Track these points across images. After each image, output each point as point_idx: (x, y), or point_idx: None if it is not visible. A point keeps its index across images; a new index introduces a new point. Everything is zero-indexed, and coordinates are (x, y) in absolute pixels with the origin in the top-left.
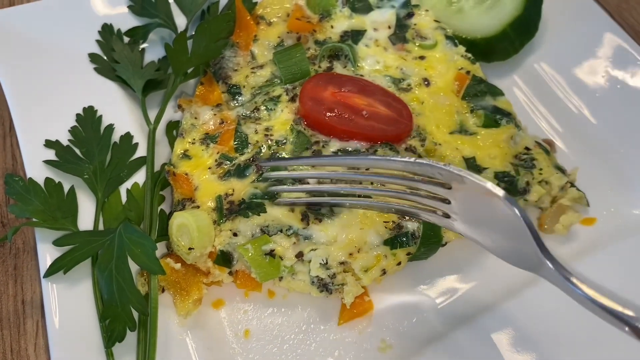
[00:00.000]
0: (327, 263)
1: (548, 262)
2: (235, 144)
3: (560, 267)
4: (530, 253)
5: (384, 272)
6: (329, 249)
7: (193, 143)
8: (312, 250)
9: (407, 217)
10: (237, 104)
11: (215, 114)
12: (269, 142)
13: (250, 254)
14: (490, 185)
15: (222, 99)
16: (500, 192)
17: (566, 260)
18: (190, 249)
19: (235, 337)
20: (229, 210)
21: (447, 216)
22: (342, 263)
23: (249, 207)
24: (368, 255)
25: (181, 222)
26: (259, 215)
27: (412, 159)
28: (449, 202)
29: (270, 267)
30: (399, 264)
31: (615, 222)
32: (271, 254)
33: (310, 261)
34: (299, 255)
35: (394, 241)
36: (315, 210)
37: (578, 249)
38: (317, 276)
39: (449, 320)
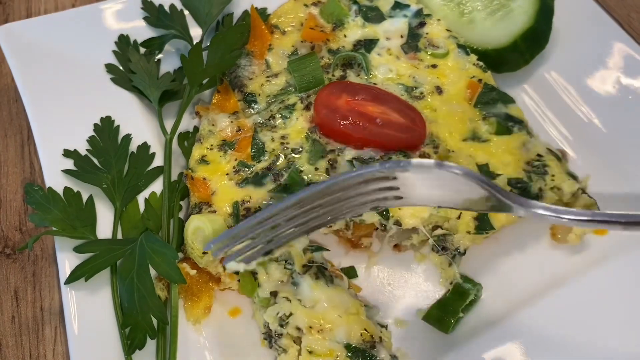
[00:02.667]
0: (286, 320)
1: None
2: (253, 152)
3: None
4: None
5: None
6: (300, 309)
7: (211, 149)
8: (284, 298)
9: (382, 342)
10: (253, 112)
11: (232, 122)
12: (285, 151)
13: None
14: (429, 163)
15: (239, 107)
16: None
17: (579, 269)
18: (204, 252)
19: (252, 345)
20: (245, 217)
21: (399, 198)
22: (298, 329)
23: None
24: (324, 342)
25: (197, 226)
26: None
27: (355, 172)
28: (398, 188)
29: (250, 284)
30: None
31: (627, 232)
32: (253, 274)
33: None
34: (273, 295)
35: (356, 352)
36: (321, 267)
37: (590, 258)
38: (266, 323)
39: (462, 329)
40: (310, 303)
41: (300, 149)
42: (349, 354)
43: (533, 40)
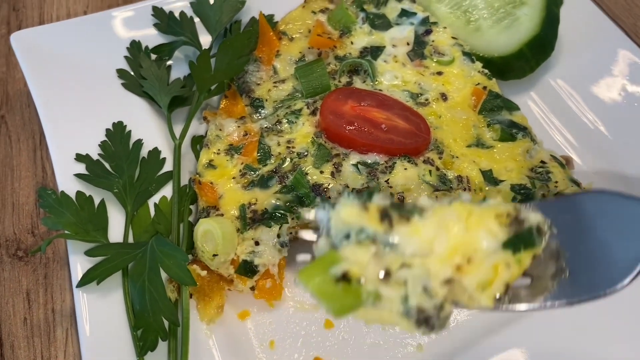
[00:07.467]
0: (428, 286)
1: None
2: (259, 156)
3: None
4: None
5: (507, 287)
6: (427, 264)
7: (218, 153)
8: (403, 266)
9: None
10: (260, 117)
11: (239, 126)
12: (291, 154)
13: (315, 283)
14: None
15: (246, 112)
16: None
17: None
18: (214, 255)
19: (261, 348)
20: (252, 219)
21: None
22: (447, 282)
23: (272, 217)
24: (483, 266)
25: (206, 229)
26: (281, 226)
27: None
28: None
29: (345, 296)
30: (525, 271)
31: None
32: (344, 278)
33: (402, 283)
34: (386, 276)
35: (515, 241)
36: (399, 207)
37: None
38: (417, 307)
39: (464, 335)
40: (425, 250)
41: (306, 153)
42: (511, 250)
43: (539, 48)
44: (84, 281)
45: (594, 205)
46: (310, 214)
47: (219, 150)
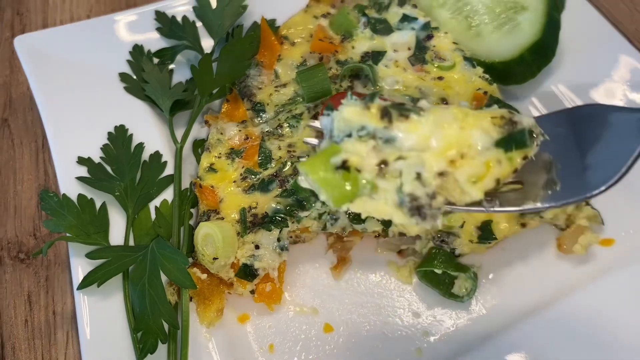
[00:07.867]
0: (421, 178)
1: None
2: (260, 160)
3: None
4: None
5: (497, 182)
6: (422, 157)
7: (219, 157)
8: (399, 159)
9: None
10: (261, 121)
11: (240, 130)
12: (292, 159)
13: (318, 174)
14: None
15: (247, 116)
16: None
17: (585, 279)
18: (214, 258)
19: (261, 351)
20: (252, 222)
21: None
22: (441, 174)
23: (272, 221)
24: (475, 161)
25: (207, 232)
26: (281, 230)
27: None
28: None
29: (343, 184)
30: (515, 170)
31: (633, 244)
32: (344, 166)
33: (398, 175)
34: (383, 165)
35: (507, 141)
36: (399, 106)
37: (596, 269)
38: (410, 194)
39: (466, 338)
40: (421, 145)
41: (306, 157)
42: (504, 149)
43: (540, 53)
44: (85, 284)
45: (586, 117)
46: (315, 123)
47: (220, 154)
